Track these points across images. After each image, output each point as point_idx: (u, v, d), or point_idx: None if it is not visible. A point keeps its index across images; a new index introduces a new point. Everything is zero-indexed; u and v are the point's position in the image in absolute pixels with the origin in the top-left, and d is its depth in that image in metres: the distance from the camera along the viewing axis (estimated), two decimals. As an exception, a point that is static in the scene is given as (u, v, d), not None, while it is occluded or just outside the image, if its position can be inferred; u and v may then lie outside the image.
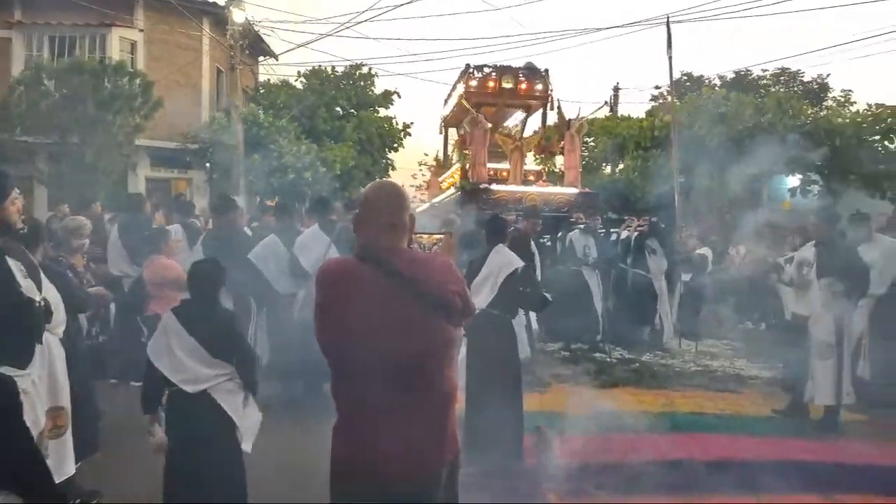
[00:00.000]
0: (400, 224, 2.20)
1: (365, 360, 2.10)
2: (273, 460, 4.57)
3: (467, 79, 11.56)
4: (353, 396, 2.14)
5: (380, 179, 2.44)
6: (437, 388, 2.17)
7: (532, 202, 10.15)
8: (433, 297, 2.12)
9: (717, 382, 7.01)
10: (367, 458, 2.10)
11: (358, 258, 2.18)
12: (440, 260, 2.26)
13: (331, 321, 2.17)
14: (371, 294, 2.10)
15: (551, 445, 4.72)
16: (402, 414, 2.09)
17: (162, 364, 3.36)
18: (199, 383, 3.35)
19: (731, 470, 4.53)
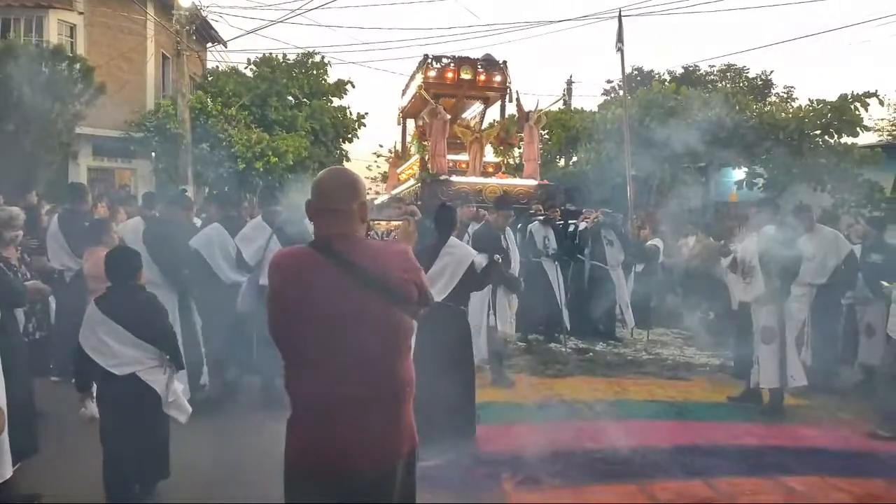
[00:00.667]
0: (352, 212, 2.15)
1: (318, 352, 2.05)
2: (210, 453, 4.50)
3: (426, 69, 11.49)
4: (307, 388, 2.09)
5: (333, 166, 2.36)
6: (392, 379, 2.13)
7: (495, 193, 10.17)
8: (388, 287, 2.08)
9: (668, 370, 7.17)
10: (323, 452, 2.06)
11: (311, 247, 2.13)
12: (396, 248, 2.20)
13: (283, 311, 2.12)
14: (324, 284, 2.05)
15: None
16: (357, 406, 2.05)
17: (92, 351, 3.59)
18: (127, 366, 3.62)
19: (683, 455, 4.63)
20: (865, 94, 12.92)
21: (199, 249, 5.80)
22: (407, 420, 2.19)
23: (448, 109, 11.03)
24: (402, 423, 2.16)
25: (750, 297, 5.89)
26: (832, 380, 6.51)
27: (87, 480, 4.13)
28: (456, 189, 9.97)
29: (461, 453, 4.58)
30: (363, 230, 2.21)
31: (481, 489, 4.13)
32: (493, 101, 12.58)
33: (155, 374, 3.74)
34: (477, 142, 11.04)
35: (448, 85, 11.50)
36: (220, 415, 5.39)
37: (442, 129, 10.53)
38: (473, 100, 12.75)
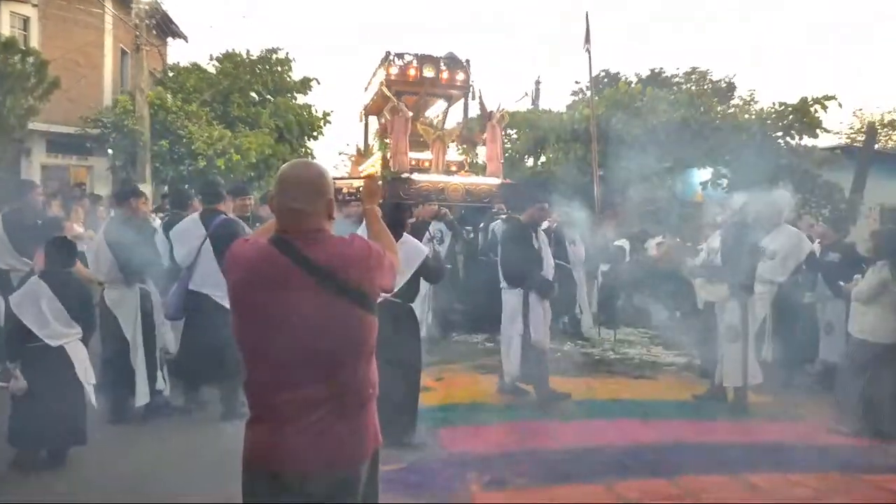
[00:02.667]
0: (317, 211, 2.06)
1: (276, 352, 1.97)
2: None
3: (388, 66, 11.36)
4: (265, 389, 2.01)
5: (298, 159, 2.25)
6: (352, 380, 2.05)
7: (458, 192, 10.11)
8: (349, 287, 2.00)
9: (635, 369, 7.18)
10: (281, 454, 1.97)
11: (272, 243, 2.03)
12: (357, 243, 2.09)
13: (241, 309, 2.04)
14: (282, 283, 1.97)
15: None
16: (315, 408, 1.97)
17: (29, 320, 4.10)
18: (59, 339, 4.18)
19: (648, 454, 4.62)
20: (825, 97, 13.20)
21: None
22: (369, 421, 2.12)
23: (410, 107, 10.91)
24: (364, 425, 2.09)
25: (715, 297, 5.91)
26: (793, 377, 6.58)
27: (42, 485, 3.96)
28: (418, 187, 9.87)
29: (426, 455, 4.50)
30: (330, 226, 2.11)
31: (447, 490, 4.05)
32: (456, 100, 12.52)
33: (77, 347, 4.32)
34: (439, 140, 10.95)
35: (410, 82, 11.40)
36: (181, 420, 5.24)
37: (403, 127, 10.41)
38: (436, 98, 12.67)
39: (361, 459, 2.08)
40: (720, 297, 5.82)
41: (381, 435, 2.20)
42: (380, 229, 2.40)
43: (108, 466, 4.32)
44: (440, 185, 10.21)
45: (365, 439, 2.09)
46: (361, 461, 2.08)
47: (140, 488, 3.96)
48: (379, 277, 2.11)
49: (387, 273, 2.14)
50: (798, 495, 4.05)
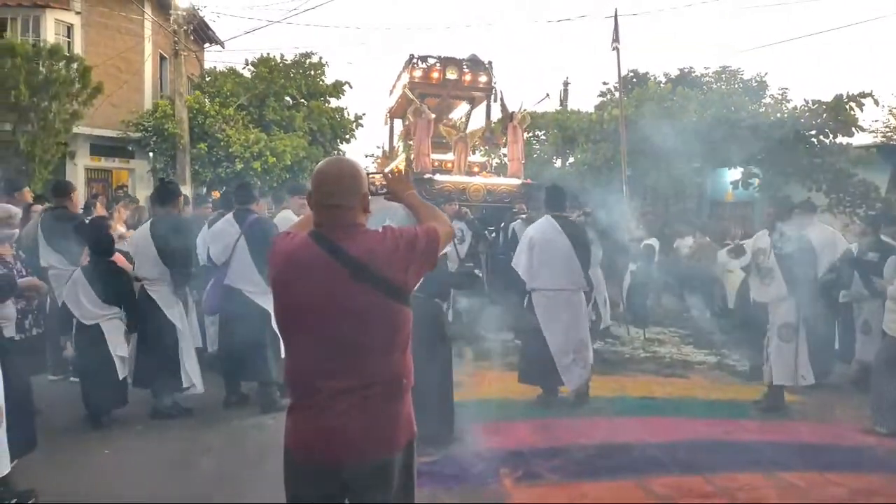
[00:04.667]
0: (354, 206, 2.13)
1: (313, 342, 2.06)
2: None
3: (411, 69, 11.50)
4: (302, 378, 2.11)
5: (333, 157, 2.33)
6: (386, 371, 2.12)
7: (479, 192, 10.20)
8: (384, 279, 2.07)
9: (666, 368, 7.19)
10: (316, 442, 2.07)
11: (311, 237, 2.13)
12: (389, 236, 2.14)
13: (281, 299, 2.14)
14: (319, 275, 2.06)
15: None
16: (349, 397, 2.05)
17: (70, 304, 5.05)
18: (93, 319, 5.05)
19: (680, 451, 4.64)
20: (861, 94, 12.95)
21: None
22: (403, 411, 2.18)
23: (433, 109, 11.04)
24: (398, 414, 2.15)
25: (767, 297, 5.80)
26: (829, 377, 6.53)
27: (82, 479, 4.16)
28: (440, 188, 9.99)
29: (459, 449, 4.60)
30: (365, 220, 2.19)
31: (481, 484, 4.13)
32: (478, 102, 12.58)
33: (112, 325, 5.12)
34: (462, 141, 11.05)
35: (433, 85, 11.50)
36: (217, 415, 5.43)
37: (426, 128, 10.54)
38: (459, 100, 12.77)
39: (394, 448, 2.13)
40: (775, 297, 5.70)
41: (416, 426, 2.24)
42: (426, 211, 2.42)
43: (137, 461, 4.53)
44: (462, 185, 10.31)
45: (398, 429, 2.14)
46: (395, 450, 2.13)
47: (178, 482, 4.14)
48: (416, 267, 2.15)
49: (424, 258, 2.17)
50: (834, 495, 4.04)
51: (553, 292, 5.65)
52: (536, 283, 5.70)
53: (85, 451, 4.62)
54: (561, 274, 5.64)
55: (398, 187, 2.48)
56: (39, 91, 12.41)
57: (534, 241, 5.72)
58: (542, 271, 5.66)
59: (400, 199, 2.48)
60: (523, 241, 5.91)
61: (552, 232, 5.69)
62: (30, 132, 12.56)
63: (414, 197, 2.47)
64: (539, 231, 5.79)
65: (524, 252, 5.76)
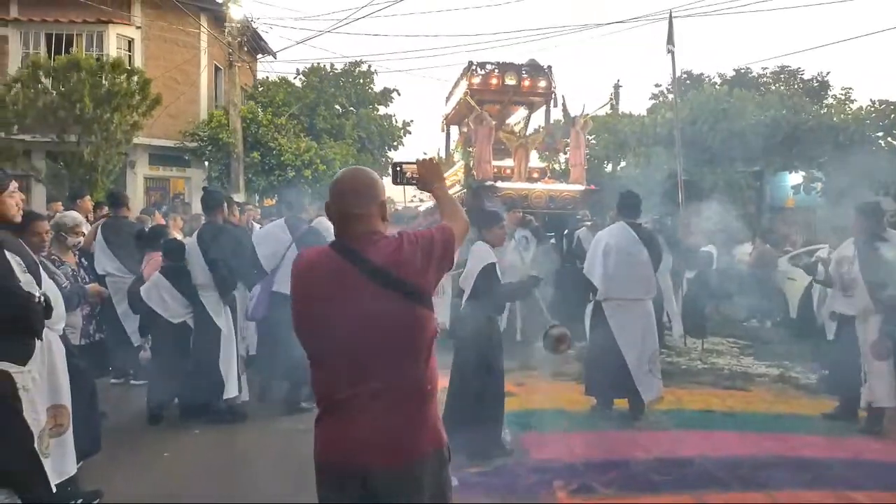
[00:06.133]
0: (371, 214, 2.15)
1: (338, 351, 2.07)
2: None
3: (470, 76, 11.49)
4: (329, 387, 2.11)
5: (349, 167, 2.32)
6: (412, 377, 2.11)
7: (541, 198, 10.11)
8: (406, 285, 2.07)
9: (725, 380, 6.94)
10: (344, 449, 2.06)
11: (331, 247, 2.15)
12: (407, 241, 2.14)
13: (305, 312, 2.14)
14: (342, 285, 2.07)
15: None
16: (375, 404, 2.05)
17: (155, 304, 5.36)
18: (179, 317, 5.41)
19: (741, 467, 4.47)
20: (932, 93, 12.36)
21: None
22: (429, 417, 2.16)
23: (493, 115, 11.00)
24: (423, 421, 2.13)
25: (852, 309, 5.41)
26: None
27: (146, 482, 4.27)
28: (501, 195, 9.92)
29: (511, 459, 4.54)
30: (384, 228, 2.20)
31: (533, 496, 4.07)
32: (537, 107, 12.48)
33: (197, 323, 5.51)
34: (522, 147, 10.96)
35: (492, 91, 11.47)
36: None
37: (487, 136, 10.50)
38: (518, 105, 12.69)
39: (420, 455, 2.11)
40: (862, 310, 5.29)
41: (446, 435, 2.20)
42: (452, 206, 2.42)
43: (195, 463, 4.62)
44: (524, 192, 10.23)
45: (423, 435, 2.12)
46: (421, 457, 2.11)
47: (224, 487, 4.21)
48: (435, 269, 2.15)
49: (442, 259, 2.17)
50: (907, 516, 3.85)
51: (628, 301, 5.48)
52: (612, 293, 5.52)
53: (145, 454, 4.74)
54: (636, 283, 5.46)
55: (429, 177, 2.47)
56: (102, 103, 12.89)
57: (609, 248, 5.53)
58: (617, 280, 5.47)
59: (429, 189, 2.49)
60: (596, 248, 5.72)
61: (628, 240, 5.49)
62: (93, 143, 13.05)
63: (442, 189, 2.47)
64: (615, 238, 5.57)
65: (598, 260, 5.58)
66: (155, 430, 5.23)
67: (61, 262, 4.89)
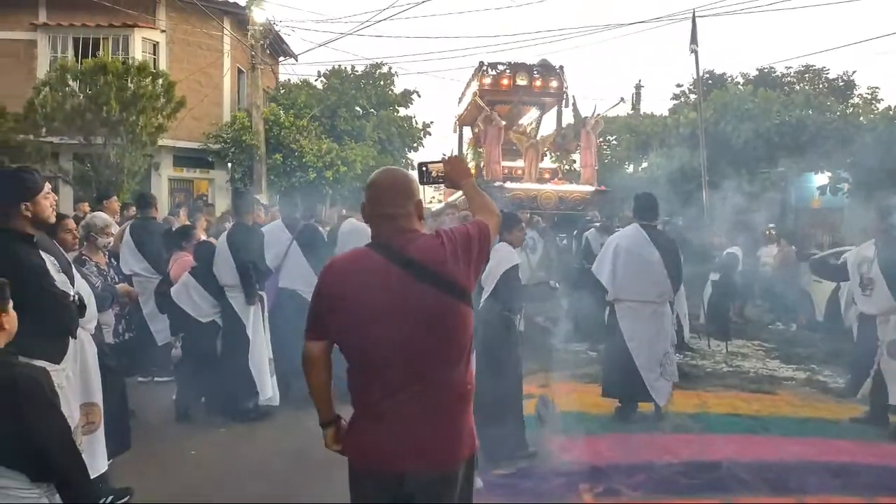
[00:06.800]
0: (409, 213, 2.15)
1: (383, 352, 2.04)
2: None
3: (481, 76, 11.51)
4: (371, 388, 2.08)
5: (383, 167, 2.32)
6: (454, 379, 2.10)
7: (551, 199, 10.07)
8: (445, 280, 2.06)
9: (751, 383, 6.85)
10: (383, 452, 2.05)
11: (371, 248, 2.14)
12: (446, 238, 2.14)
13: (346, 313, 2.08)
14: (387, 284, 2.04)
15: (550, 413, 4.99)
16: (418, 406, 2.03)
17: (185, 304, 5.49)
18: (207, 317, 5.54)
19: (770, 471, 4.42)
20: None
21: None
22: (468, 421, 2.15)
23: (503, 116, 11.00)
24: (463, 424, 2.13)
25: (875, 310, 5.37)
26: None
27: (173, 479, 4.32)
28: (511, 195, 9.90)
29: (536, 462, 4.52)
30: (421, 226, 2.20)
31: (559, 498, 4.05)
32: (549, 107, 12.47)
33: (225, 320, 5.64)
34: (533, 148, 10.97)
35: (503, 91, 11.49)
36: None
37: (497, 136, 10.52)
38: (529, 106, 12.67)
39: (458, 460, 2.11)
40: (884, 310, 5.25)
41: (476, 438, 2.20)
42: (483, 201, 2.41)
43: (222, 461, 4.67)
44: (533, 192, 10.22)
45: (462, 439, 2.11)
46: (458, 461, 2.11)
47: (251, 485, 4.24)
48: (475, 265, 2.16)
49: (480, 255, 2.18)
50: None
51: (639, 304, 5.44)
52: (621, 294, 5.51)
53: (172, 451, 4.80)
54: (649, 286, 5.41)
55: (457, 174, 2.46)
56: (128, 106, 13.04)
57: (619, 249, 5.52)
58: (628, 282, 5.45)
59: (458, 186, 2.49)
60: (607, 249, 5.71)
61: (641, 242, 5.45)
62: (119, 145, 13.22)
63: (470, 185, 2.46)
64: (626, 240, 5.57)
65: (608, 261, 5.57)
66: (181, 428, 5.29)
67: (92, 261, 4.97)
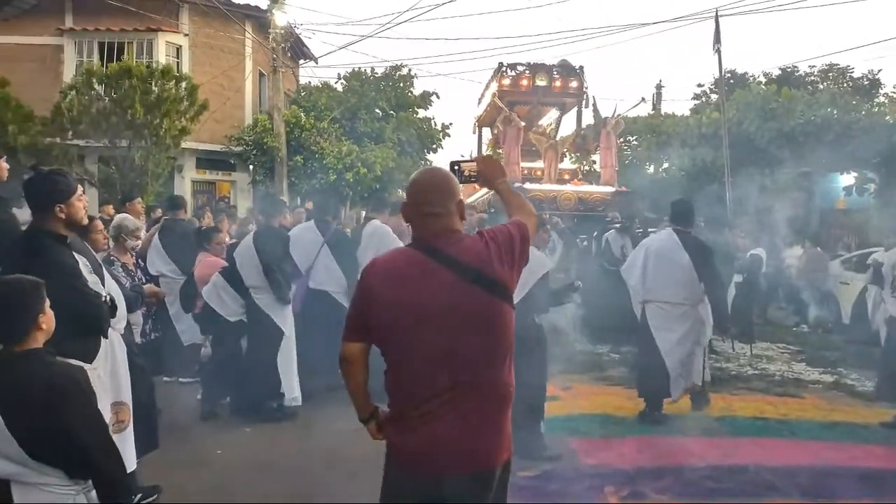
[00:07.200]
0: (451, 213, 2.13)
1: (426, 350, 2.02)
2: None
3: (500, 77, 11.50)
4: (413, 389, 2.06)
5: (426, 167, 2.29)
6: (497, 380, 2.08)
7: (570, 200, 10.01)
8: (489, 279, 2.04)
9: (777, 386, 6.76)
10: (424, 454, 2.04)
11: (414, 248, 2.13)
12: (487, 237, 2.13)
13: (388, 314, 2.06)
14: (432, 283, 2.03)
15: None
16: (461, 407, 2.01)
17: (214, 303, 5.54)
18: (235, 316, 5.57)
19: (799, 476, 4.36)
20: None
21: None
22: (507, 424, 2.13)
23: (523, 117, 10.98)
24: (502, 427, 2.11)
25: None
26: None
27: (200, 478, 4.36)
28: (530, 196, 9.86)
29: (561, 465, 4.50)
30: (462, 226, 2.18)
31: (584, 501, 4.02)
32: (569, 108, 12.41)
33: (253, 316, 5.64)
34: (552, 148, 10.92)
35: (523, 92, 11.46)
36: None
37: (516, 137, 10.50)
38: (549, 106, 12.62)
39: (497, 463, 2.09)
40: None
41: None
42: (518, 200, 2.40)
43: (248, 460, 4.69)
44: (552, 193, 10.16)
45: (502, 442, 2.10)
46: (497, 464, 2.09)
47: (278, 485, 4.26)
48: (518, 265, 2.15)
49: (522, 255, 2.17)
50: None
51: (669, 305, 5.47)
52: (650, 296, 5.55)
53: (198, 451, 4.83)
54: (678, 288, 5.42)
55: (492, 173, 2.44)
56: (152, 109, 13.23)
57: (649, 252, 5.58)
58: (657, 284, 5.49)
59: (492, 186, 2.47)
60: (638, 252, 5.81)
61: (672, 246, 5.48)
62: (144, 147, 13.41)
63: (505, 184, 2.44)
64: (657, 244, 5.64)
65: (638, 263, 5.63)
66: (207, 428, 5.34)
67: (120, 262, 5.04)
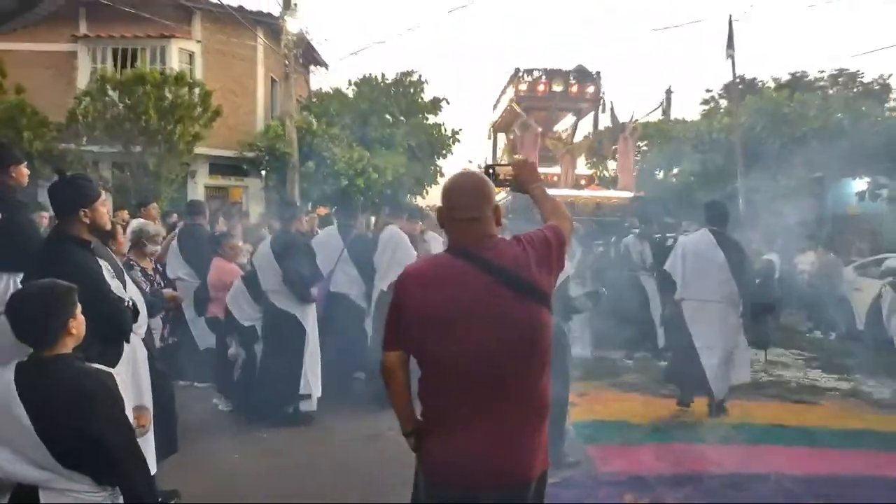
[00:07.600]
0: (487, 218, 2.10)
1: (465, 358, 1.98)
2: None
3: (517, 83, 11.49)
4: (449, 398, 2.02)
5: (459, 172, 2.29)
6: (536, 391, 2.04)
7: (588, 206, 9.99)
8: (528, 284, 2.01)
9: (792, 393, 6.71)
10: (459, 466, 2.00)
11: (451, 254, 2.10)
12: (525, 242, 2.11)
13: (425, 321, 2.03)
14: (472, 290, 1.99)
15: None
16: (500, 417, 1.98)
17: (233, 308, 5.67)
18: (251, 321, 5.66)
19: (819, 485, 4.34)
20: None
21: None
22: (544, 437, 2.10)
23: (539, 122, 10.97)
24: (539, 440, 2.07)
25: None
26: None
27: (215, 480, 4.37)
28: None
29: (579, 472, 4.48)
30: (498, 231, 2.15)
31: (603, 507, 4.01)
32: (585, 113, 12.39)
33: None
34: (569, 154, 10.91)
35: (539, 98, 11.45)
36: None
37: (533, 142, 10.50)
38: (565, 112, 12.61)
39: (532, 476, 2.05)
40: None
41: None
42: (553, 204, 2.38)
43: (265, 465, 4.69)
44: (569, 199, 10.13)
45: (537, 455, 2.06)
46: (532, 478, 2.05)
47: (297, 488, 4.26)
48: (555, 270, 2.13)
49: (558, 260, 2.16)
50: None
51: (702, 303, 5.66)
52: (687, 294, 5.77)
53: (215, 455, 4.85)
54: (712, 286, 5.62)
55: (526, 177, 2.42)
56: (166, 115, 13.33)
57: (686, 251, 5.84)
58: (693, 282, 5.72)
59: (526, 190, 2.43)
60: (677, 249, 6.07)
61: (707, 244, 5.72)
62: (157, 153, 13.51)
63: (539, 189, 2.41)
64: (693, 243, 5.91)
65: (679, 260, 5.88)
66: (223, 432, 5.35)
67: (139, 266, 5.07)
